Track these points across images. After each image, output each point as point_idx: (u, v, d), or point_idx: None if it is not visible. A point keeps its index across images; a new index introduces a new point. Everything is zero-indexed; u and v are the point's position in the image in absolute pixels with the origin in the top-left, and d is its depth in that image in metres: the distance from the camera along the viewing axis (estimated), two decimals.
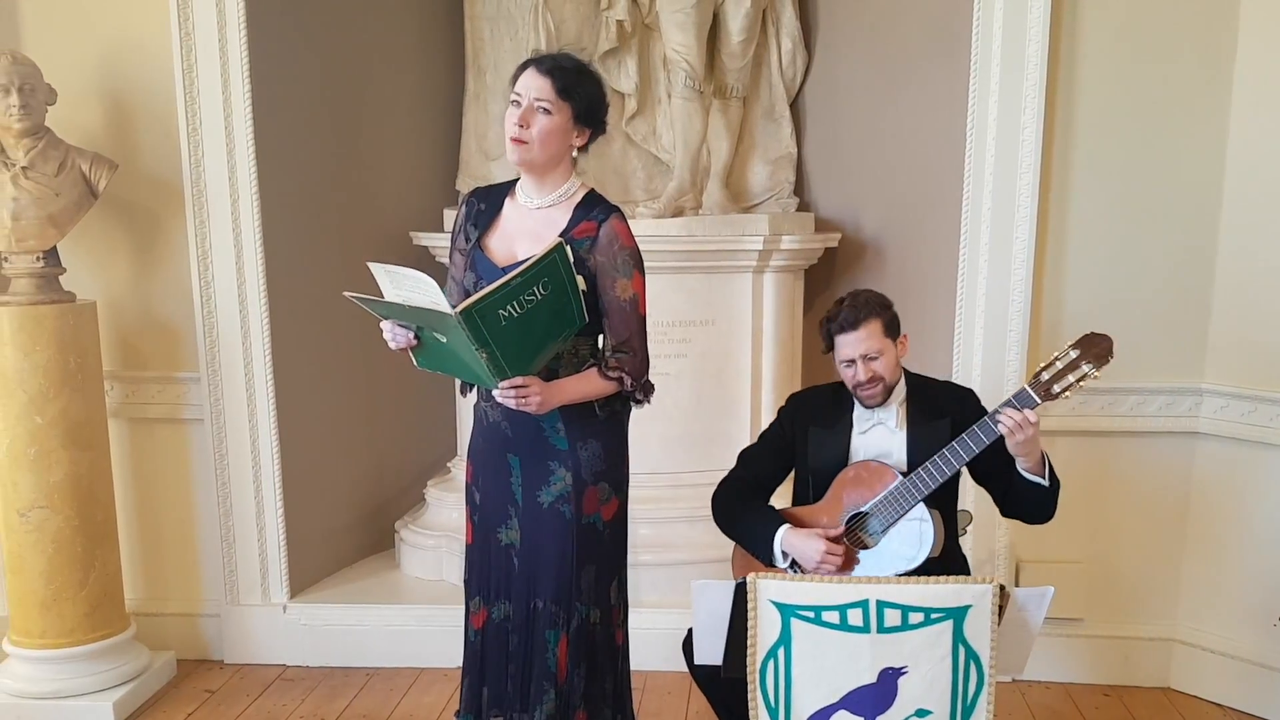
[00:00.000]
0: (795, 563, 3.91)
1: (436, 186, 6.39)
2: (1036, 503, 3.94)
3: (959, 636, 3.34)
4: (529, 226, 3.66)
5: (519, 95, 3.55)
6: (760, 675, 3.46)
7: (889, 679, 3.39)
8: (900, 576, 3.73)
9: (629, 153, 6.33)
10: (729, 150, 6.19)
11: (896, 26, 5.87)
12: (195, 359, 5.42)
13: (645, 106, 6.19)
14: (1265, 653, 5.06)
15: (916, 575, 3.71)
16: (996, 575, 4.90)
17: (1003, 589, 3.35)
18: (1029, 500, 3.95)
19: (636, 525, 3.97)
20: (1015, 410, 3.71)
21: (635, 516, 3.94)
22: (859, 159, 6.17)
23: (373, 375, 6.07)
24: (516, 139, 3.54)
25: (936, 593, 3.34)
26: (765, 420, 4.33)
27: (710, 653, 3.57)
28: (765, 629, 3.43)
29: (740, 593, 3.43)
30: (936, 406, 4.03)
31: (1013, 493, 3.97)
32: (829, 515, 3.99)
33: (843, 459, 4.05)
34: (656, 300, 3.74)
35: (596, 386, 3.65)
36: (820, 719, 3.44)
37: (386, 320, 3.53)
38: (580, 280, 3.45)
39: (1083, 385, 3.72)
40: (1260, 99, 4.86)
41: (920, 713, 3.39)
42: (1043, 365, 3.77)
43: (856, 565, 3.92)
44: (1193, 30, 4.91)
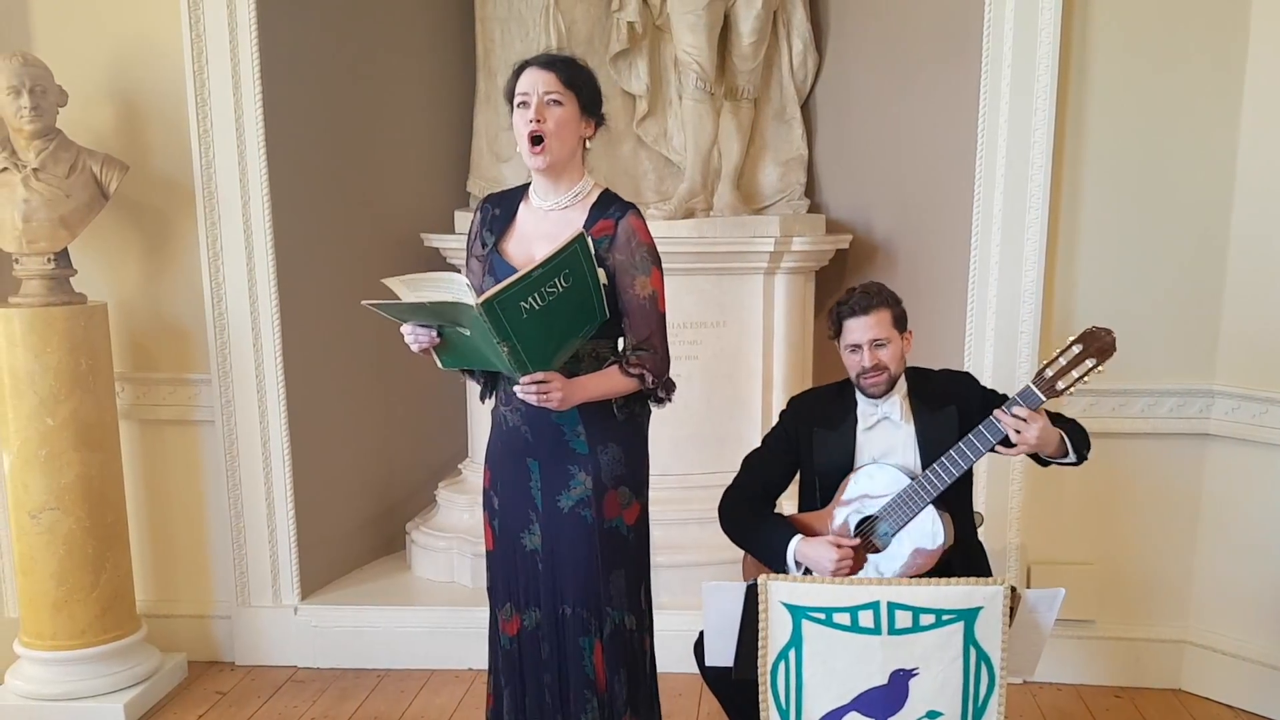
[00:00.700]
0: (808, 571, 3.90)
1: (447, 188, 6.39)
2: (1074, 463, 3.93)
3: (970, 638, 3.34)
4: (546, 229, 3.64)
5: (525, 94, 3.55)
6: (771, 677, 3.45)
7: (900, 680, 3.39)
8: (912, 578, 3.72)
9: (640, 154, 6.33)
10: (740, 152, 6.19)
11: (907, 28, 5.86)
12: (206, 361, 5.42)
13: (656, 108, 6.20)
14: (1277, 654, 5.04)
15: (931, 576, 3.71)
16: (1007, 577, 4.90)
17: (1014, 590, 3.34)
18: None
19: (650, 530, 3.95)
20: (1019, 408, 3.70)
21: (649, 523, 3.92)
22: (870, 160, 6.16)
23: (383, 376, 6.08)
24: (535, 135, 3.52)
25: (947, 594, 3.34)
26: (776, 420, 4.31)
27: (722, 654, 3.56)
28: (776, 630, 3.42)
29: (751, 594, 3.43)
30: (939, 394, 4.02)
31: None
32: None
33: (849, 459, 4.03)
34: (668, 302, 3.73)
35: (618, 384, 3.62)
36: None
37: (406, 324, 3.52)
38: (601, 274, 3.46)
39: (1087, 381, 3.71)
40: (1271, 101, 4.85)
41: (931, 714, 3.39)
42: (1046, 362, 3.76)
43: (865, 568, 3.92)
44: (1204, 32, 4.90)
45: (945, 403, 3.98)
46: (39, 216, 4.81)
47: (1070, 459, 3.85)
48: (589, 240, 3.33)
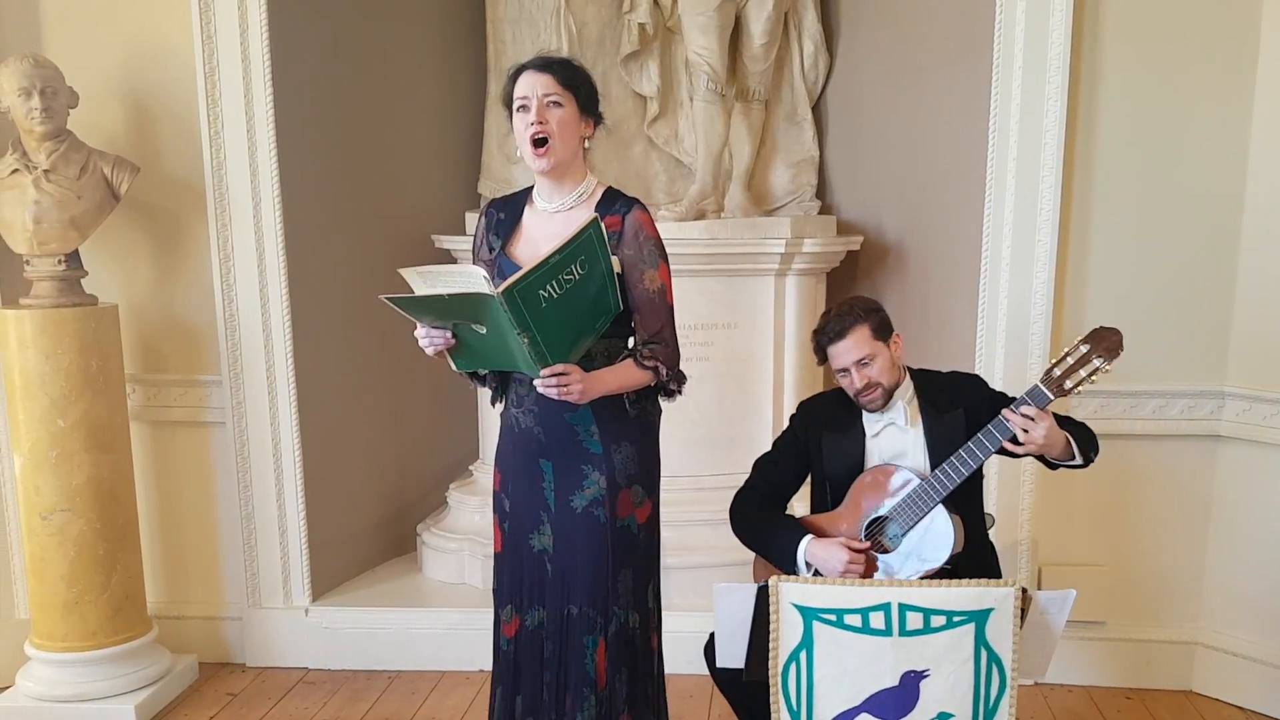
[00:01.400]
0: (818, 573, 3.90)
1: (458, 189, 6.40)
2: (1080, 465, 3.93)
3: (981, 639, 3.34)
4: (552, 231, 3.64)
5: (524, 98, 3.57)
6: (782, 678, 3.45)
7: (911, 682, 3.38)
8: (923, 579, 3.72)
9: (651, 156, 6.34)
10: (751, 153, 6.20)
11: (918, 29, 5.86)
12: (217, 362, 5.43)
13: (667, 109, 6.21)
14: None
15: (942, 577, 3.70)
16: (1018, 578, 4.89)
17: (1025, 592, 3.34)
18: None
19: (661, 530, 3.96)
20: (1027, 407, 3.69)
21: (660, 522, 3.93)
22: (881, 162, 6.16)
23: (394, 378, 6.09)
24: (538, 137, 3.54)
25: (958, 596, 3.34)
26: (786, 423, 4.31)
27: (732, 656, 3.57)
28: (787, 632, 3.43)
29: (762, 596, 3.43)
30: (947, 397, 4.02)
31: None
32: (848, 522, 3.98)
33: (858, 463, 4.03)
34: (678, 303, 3.74)
35: (634, 376, 3.64)
36: None
37: (420, 325, 3.53)
38: (615, 261, 3.49)
39: (1095, 380, 3.71)
40: None
41: (942, 716, 3.39)
42: (1054, 361, 3.76)
43: (877, 570, 3.91)
44: (1215, 35, 4.89)
45: (953, 405, 3.98)
46: (50, 218, 4.81)
47: (1076, 461, 3.86)
48: (602, 225, 3.35)
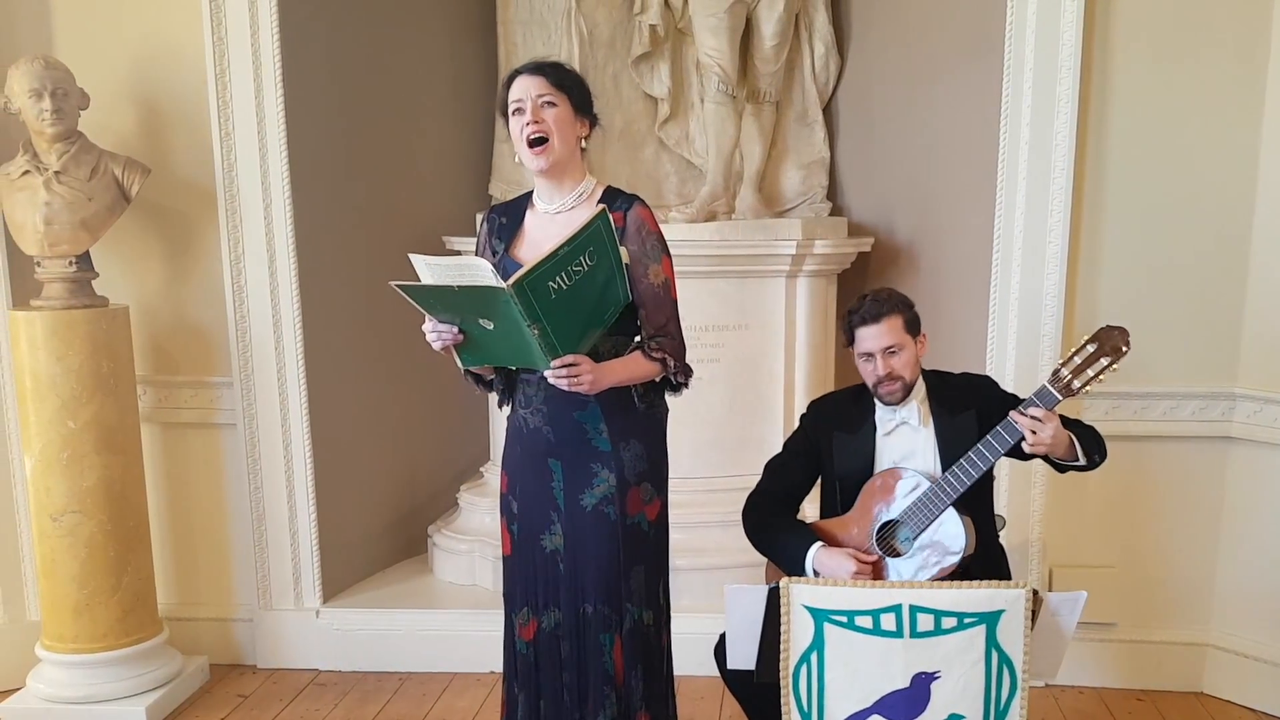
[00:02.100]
0: None
1: (469, 190, 6.41)
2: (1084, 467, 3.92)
3: (992, 641, 3.33)
4: (554, 232, 3.62)
5: (519, 101, 3.62)
6: (793, 680, 3.45)
7: (922, 684, 3.38)
8: (934, 581, 3.71)
9: (662, 157, 6.35)
10: (762, 155, 6.20)
11: (929, 30, 5.85)
12: (228, 364, 5.43)
13: (678, 111, 6.21)
14: None
15: (953, 579, 3.70)
16: (1029, 580, 4.89)
17: (1035, 594, 3.34)
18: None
19: (669, 530, 3.96)
20: (1035, 408, 3.69)
21: (669, 521, 3.94)
22: (892, 163, 6.16)
23: (405, 379, 6.08)
24: (535, 137, 3.59)
25: (969, 597, 3.33)
26: (797, 424, 4.31)
27: (743, 657, 3.56)
28: (798, 634, 3.42)
29: (773, 597, 3.43)
30: (959, 399, 4.01)
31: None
32: (859, 526, 3.97)
33: (869, 463, 4.03)
34: (689, 305, 3.76)
35: (643, 368, 3.67)
36: None
37: (429, 319, 3.53)
38: (623, 251, 3.51)
39: (1102, 379, 3.70)
40: None
41: (953, 717, 3.38)
42: (1061, 361, 3.75)
43: (887, 574, 3.91)
44: (1226, 33, 4.88)
45: (965, 406, 3.98)
46: (61, 219, 4.82)
47: (1080, 462, 3.84)
48: (610, 217, 3.38)
